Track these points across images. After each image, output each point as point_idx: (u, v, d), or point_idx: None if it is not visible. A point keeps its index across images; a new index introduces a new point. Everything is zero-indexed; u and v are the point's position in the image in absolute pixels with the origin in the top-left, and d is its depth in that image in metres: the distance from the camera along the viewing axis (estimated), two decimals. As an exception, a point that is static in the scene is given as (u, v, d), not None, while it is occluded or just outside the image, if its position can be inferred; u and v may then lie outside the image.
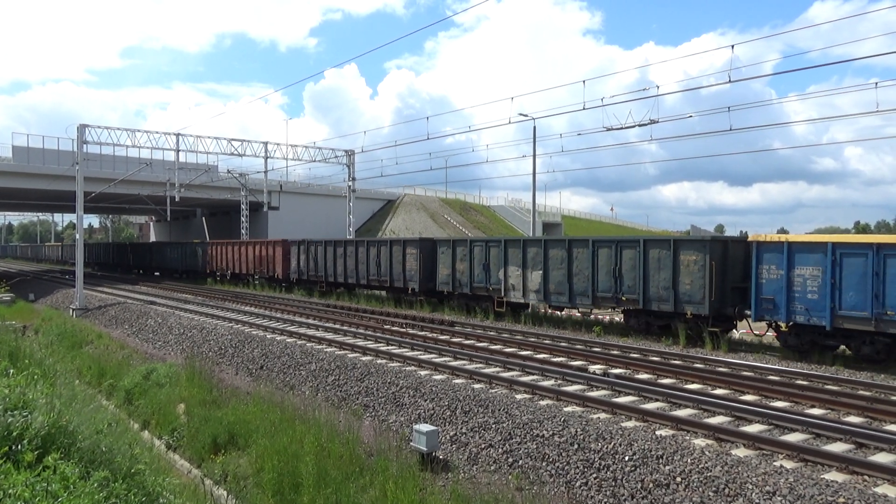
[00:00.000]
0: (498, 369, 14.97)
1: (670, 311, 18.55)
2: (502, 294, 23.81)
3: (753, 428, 10.18)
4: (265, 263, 39.95)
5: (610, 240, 20.72)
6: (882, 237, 15.55)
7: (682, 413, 11.06)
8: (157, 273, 56.59)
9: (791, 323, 16.26)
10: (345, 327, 22.03)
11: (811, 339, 16.20)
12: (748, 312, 17.04)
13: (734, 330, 19.21)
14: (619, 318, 22.23)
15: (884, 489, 7.75)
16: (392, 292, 30.24)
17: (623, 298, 19.65)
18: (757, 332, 18.07)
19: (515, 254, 23.27)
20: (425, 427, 10.66)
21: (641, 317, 19.67)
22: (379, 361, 16.11)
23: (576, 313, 22.88)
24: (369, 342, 18.98)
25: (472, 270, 25.14)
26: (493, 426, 11.19)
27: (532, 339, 18.87)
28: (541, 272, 22.20)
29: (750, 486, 7.98)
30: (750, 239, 17.21)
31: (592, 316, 22.77)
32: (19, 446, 5.21)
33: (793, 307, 16.05)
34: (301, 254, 36.55)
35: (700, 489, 8.27)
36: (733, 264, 18.02)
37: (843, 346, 15.99)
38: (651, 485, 8.69)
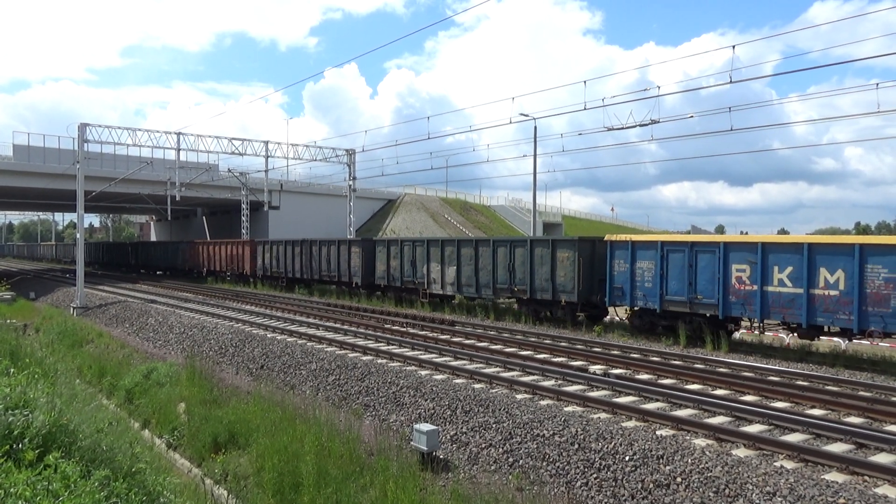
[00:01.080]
0: (498, 369, 14.97)
1: (549, 299, 22.10)
2: (426, 287, 27.31)
3: (754, 428, 10.18)
4: (236, 261, 43.50)
5: (506, 240, 24.60)
6: (693, 237, 19.80)
7: (683, 413, 11.06)
8: (142, 270, 60.15)
9: (635, 307, 19.66)
10: (345, 327, 22.04)
11: (650, 321, 19.50)
12: (606, 300, 20.45)
13: (607, 315, 22.52)
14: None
15: (884, 489, 7.75)
16: (340, 286, 34.14)
17: (516, 289, 23.34)
18: (619, 317, 21.11)
19: (436, 252, 26.88)
20: (426, 427, 10.66)
21: (530, 304, 23.12)
22: (379, 361, 16.11)
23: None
24: (370, 342, 18.98)
25: (402, 267, 28.88)
26: (494, 426, 11.19)
27: (532, 339, 18.88)
28: (455, 268, 25.85)
29: (750, 487, 7.98)
30: (605, 238, 20.69)
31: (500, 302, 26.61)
32: (20, 445, 5.22)
33: (635, 294, 19.51)
34: (266, 253, 40.11)
35: (700, 489, 8.28)
36: (600, 260, 20.76)
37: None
38: (651, 485, 8.70)
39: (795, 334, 16.89)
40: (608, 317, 22.68)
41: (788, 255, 16.42)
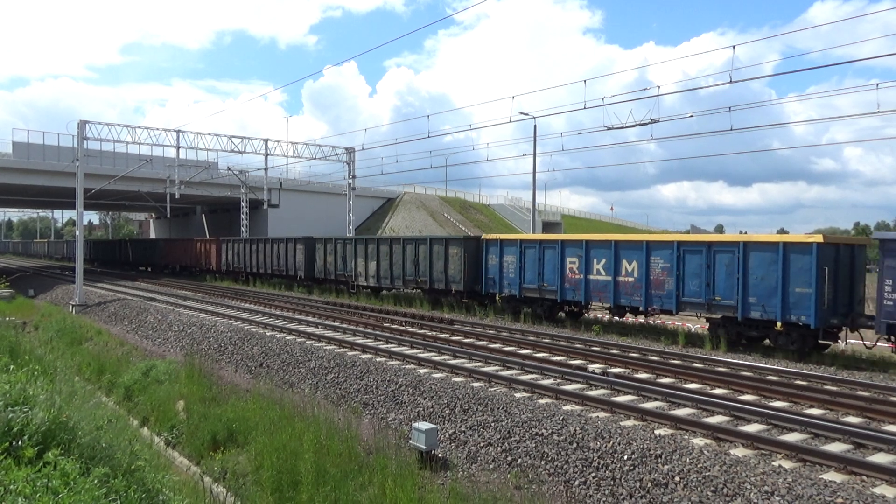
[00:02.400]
0: (497, 368, 14.98)
1: (444, 288, 26.39)
2: (354, 279, 31.48)
3: (752, 428, 10.19)
4: (204, 258, 47.18)
5: (412, 238, 28.78)
6: (541, 236, 24.48)
7: (681, 412, 11.08)
8: (126, 265, 64.01)
9: (503, 293, 23.82)
10: (344, 325, 22.04)
11: (513, 306, 23.53)
12: (482, 288, 24.71)
13: (496, 300, 25.07)
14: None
15: (882, 489, 7.77)
16: (287, 279, 37.95)
17: (419, 280, 27.56)
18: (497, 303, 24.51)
19: (361, 249, 30.93)
20: (424, 425, 10.67)
21: (430, 293, 27.50)
22: (378, 359, 16.12)
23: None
24: (368, 340, 18.99)
25: (336, 262, 33.03)
26: (493, 424, 11.20)
27: (531, 338, 18.88)
28: (375, 263, 29.96)
29: (748, 486, 8.00)
30: (482, 237, 25.19)
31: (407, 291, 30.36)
32: (20, 442, 5.21)
33: (503, 283, 23.78)
34: (229, 250, 44.03)
35: (699, 488, 8.29)
36: (482, 256, 24.84)
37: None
38: (650, 484, 8.71)
39: (609, 313, 20.52)
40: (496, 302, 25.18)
41: (603, 251, 20.35)
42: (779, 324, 16.32)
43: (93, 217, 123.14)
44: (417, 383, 13.58)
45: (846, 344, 16.89)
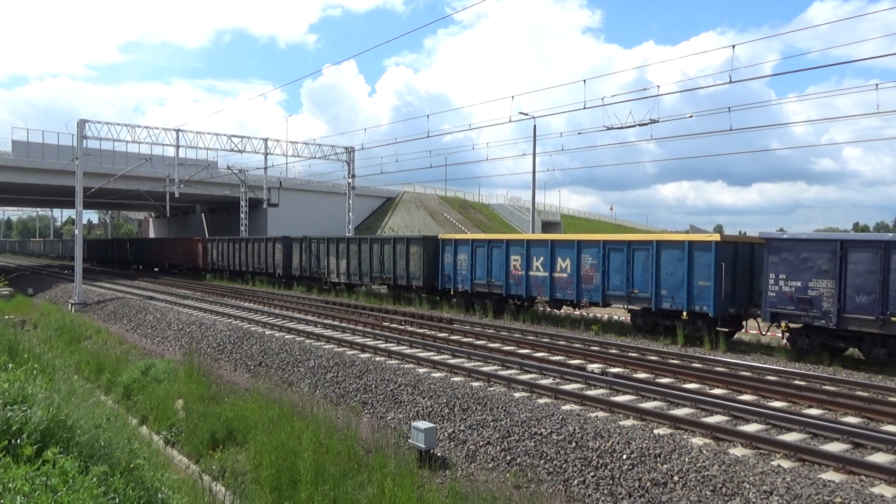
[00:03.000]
0: (496, 367, 14.98)
1: (406, 284, 28.39)
2: (326, 276, 33.64)
3: (751, 427, 10.20)
4: (190, 256, 48.98)
5: (377, 238, 31.17)
6: (490, 236, 27.60)
7: (680, 412, 11.08)
8: (118, 264, 65.83)
9: (457, 289, 25.87)
10: (343, 324, 22.04)
11: (466, 300, 25.61)
12: (439, 284, 26.98)
13: (443, 296, 27.66)
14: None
15: (880, 489, 7.77)
16: (266, 276, 39.90)
17: (384, 277, 29.68)
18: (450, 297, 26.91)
19: (332, 248, 33.33)
20: (423, 424, 10.68)
21: (394, 289, 29.63)
22: (377, 359, 16.12)
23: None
24: (368, 339, 18.98)
25: (310, 260, 35.21)
26: (492, 424, 11.20)
27: (530, 338, 18.89)
28: (345, 260, 32.16)
29: (747, 486, 8.00)
30: (439, 237, 27.27)
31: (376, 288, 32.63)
32: (19, 440, 5.21)
33: (457, 279, 25.85)
34: (214, 249, 45.82)
35: (697, 488, 8.30)
36: (439, 254, 26.97)
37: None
38: (649, 483, 8.71)
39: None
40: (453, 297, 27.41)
41: (542, 249, 22.43)
42: (685, 313, 18.28)
43: (92, 216, 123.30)
44: (416, 382, 13.58)
45: (752, 332, 18.83)
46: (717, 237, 18.03)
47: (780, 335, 17.57)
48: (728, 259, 17.83)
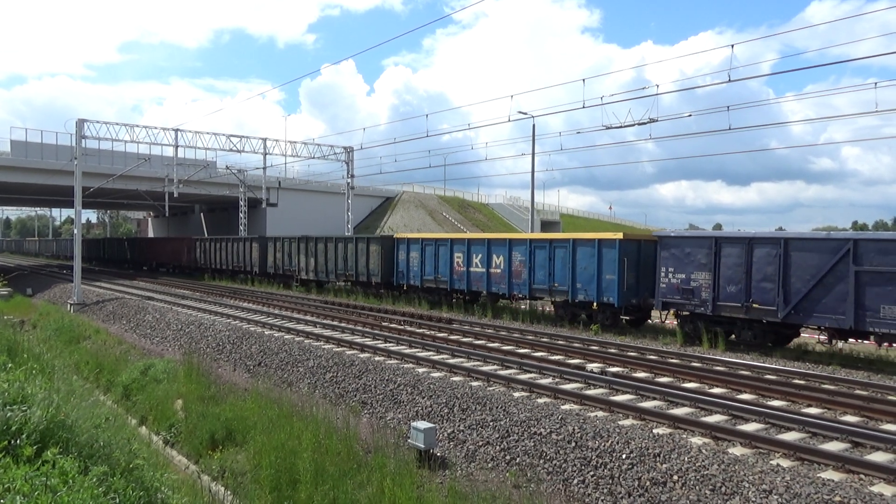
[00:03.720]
0: (496, 367, 14.98)
1: (366, 280, 30.77)
2: (297, 273, 35.95)
3: (750, 427, 10.20)
4: (176, 255, 51.22)
5: (341, 238, 33.43)
6: (437, 235, 29.78)
7: (680, 412, 11.09)
8: (109, 263, 68.13)
9: (409, 284, 28.23)
10: (343, 324, 22.03)
11: (416, 293, 27.90)
12: (394, 280, 29.13)
13: (398, 290, 29.64)
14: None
15: (880, 488, 7.78)
16: (245, 274, 41.74)
17: (347, 274, 31.94)
18: (403, 292, 29.10)
19: (302, 247, 35.53)
20: (423, 424, 10.68)
21: (357, 285, 32.00)
22: (377, 358, 16.12)
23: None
24: (367, 339, 18.98)
25: (283, 258, 37.45)
26: (491, 424, 11.21)
27: (530, 337, 18.89)
28: (314, 259, 34.33)
29: (746, 485, 8.01)
30: (394, 236, 29.50)
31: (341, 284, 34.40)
32: (18, 441, 5.21)
33: (410, 275, 28.11)
34: (197, 248, 48.19)
35: (697, 487, 8.30)
36: (397, 252, 29.14)
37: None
38: (648, 483, 8.72)
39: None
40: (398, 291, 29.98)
41: (480, 247, 24.66)
42: (595, 304, 20.33)
43: (91, 216, 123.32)
44: (416, 382, 13.58)
45: (654, 320, 21.25)
46: (620, 235, 20.06)
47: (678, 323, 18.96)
48: (631, 255, 19.69)
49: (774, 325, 16.88)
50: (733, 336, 17.75)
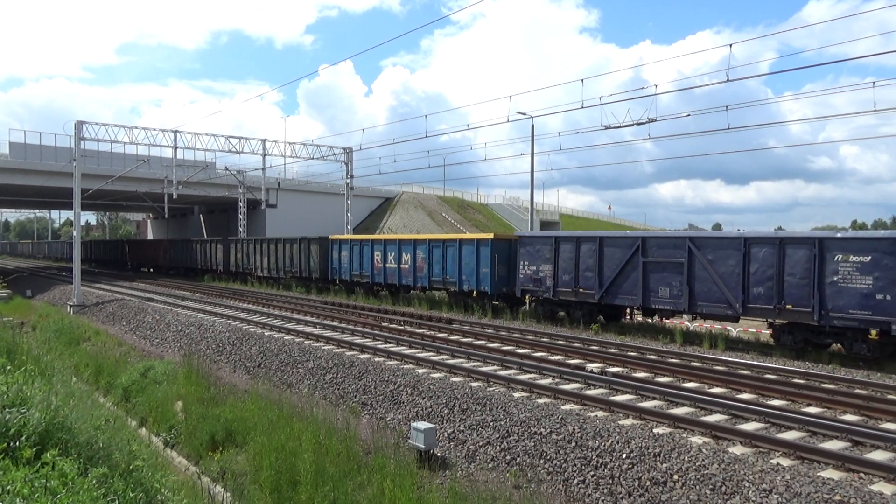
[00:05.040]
0: (495, 367, 14.98)
1: (308, 276, 34.90)
2: (254, 271, 40.15)
3: (750, 426, 10.21)
4: (155, 256, 56.18)
5: (288, 239, 37.13)
6: (361, 236, 33.91)
7: (680, 411, 11.09)
8: (94, 263, 72.42)
9: (342, 279, 32.51)
10: (342, 325, 22.03)
11: (347, 287, 32.30)
12: (330, 276, 33.37)
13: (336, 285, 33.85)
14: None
15: (880, 487, 7.78)
16: (211, 272, 45.44)
17: (293, 271, 35.95)
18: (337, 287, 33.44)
19: (257, 247, 39.81)
20: (423, 425, 10.67)
21: (302, 281, 35.73)
22: (377, 359, 16.11)
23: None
24: (367, 340, 18.97)
25: (244, 258, 41.42)
26: (491, 424, 11.20)
27: (530, 338, 18.88)
28: (267, 258, 38.55)
29: (747, 484, 8.01)
30: (329, 237, 33.65)
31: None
32: (17, 443, 5.20)
33: (341, 271, 32.37)
34: (171, 249, 53.10)
35: (697, 487, 8.30)
36: (331, 251, 33.31)
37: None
38: (648, 482, 8.72)
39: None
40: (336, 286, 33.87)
41: (393, 246, 28.70)
42: (475, 292, 24.52)
43: (90, 217, 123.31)
44: (416, 383, 13.58)
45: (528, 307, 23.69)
46: (491, 236, 24.34)
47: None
48: (502, 252, 23.80)
49: (595, 306, 20.73)
50: (563, 314, 21.97)
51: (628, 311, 20.94)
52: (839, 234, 15.95)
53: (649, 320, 20.86)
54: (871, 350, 14.95)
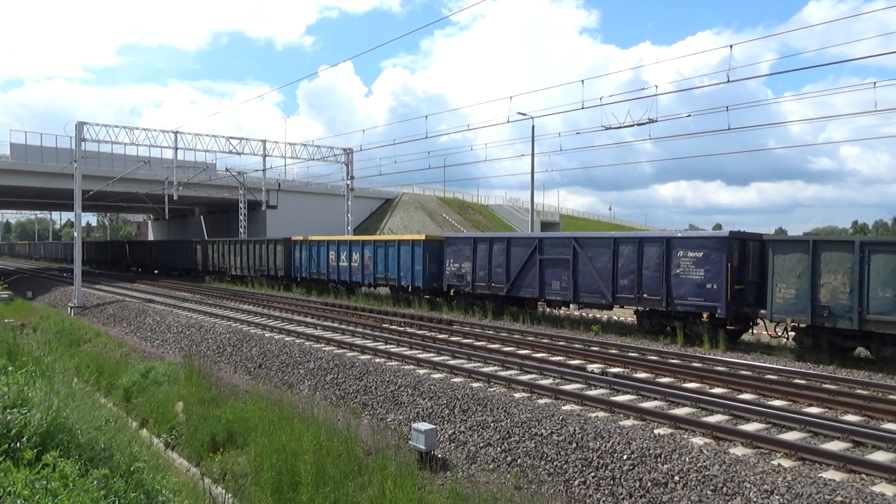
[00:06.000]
0: (496, 368, 14.97)
1: (274, 275, 37.95)
2: (228, 270, 43.26)
3: (751, 427, 10.20)
4: (143, 256, 60.41)
5: (255, 240, 40.81)
6: (318, 237, 35.46)
7: (681, 412, 11.08)
8: (92, 264, 73.20)
9: (301, 277, 35.67)
10: (343, 326, 22.03)
11: (307, 284, 35.23)
12: (292, 274, 36.49)
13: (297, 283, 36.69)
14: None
15: (881, 488, 7.77)
16: (194, 272, 48.25)
17: (262, 270, 39.19)
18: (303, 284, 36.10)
19: (231, 248, 43.17)
20: (424, 426, 10.67)
21: (268, 279, 38.90)
22: (377, 360, 16.11)
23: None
24: (368, 341, 18.97)
25: (220, 258, 44.61)
26: (492, 425, 11.20)
27: (530, 338, 18.88)
28: (240, 258, 41.75)
29: (748, 485, 8.00)
30: (291, 238, 36.63)
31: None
32: (18, 444, 5.20)
33: (302, 269, 35.52)
34: (156, 250, 57.32)
35: (698, 488, 8.29)
36: (293, 251, 36.62)
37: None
38: (649, 483, 8.71)
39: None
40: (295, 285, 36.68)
41: (345, 247, 32.04)
42: (410, 287, 27.89)
43: (91, 219, 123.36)
44: (417, 384, 13.57)
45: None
46: (423, 237, 27.33)
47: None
48: (434, 252, 26.76)
49: (504, 298, 23.73)
50: (474, 306, 24.84)
51: (529, 302, 24.01)
52: (680, 234, 18.96)
53: (548, 310, 24.60)
54: (705, 330, 17.49)
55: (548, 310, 24.74)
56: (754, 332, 18.85)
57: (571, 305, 22.79)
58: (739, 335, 18.41)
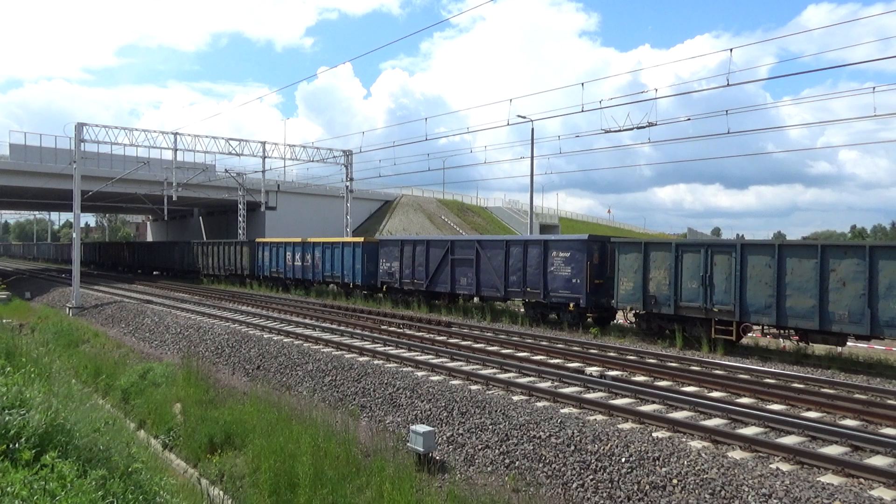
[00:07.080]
0: (495, 370, 14.97)
1: (241, 273, 41.09)
2: (203, 270, 45.60)
3: (749, 430, 10.20)
4: (129, 258, 62.81)
5: (229, 242, 43.53)
6: (281, 239, 38.79)
7: (679, 415, 11.08)
8: (91, 265, 74.79)
9: (263, 275, 38.88)
10: (342, 327, 22.01)
11: (270, 283, 38.24)
12: (255, 273, 39.68)
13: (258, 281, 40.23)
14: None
15: (879, 492, 7.78)
16: (180, 273, 50.92)
17: (234, 269, 41.79)
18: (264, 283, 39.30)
19: (204, 249, 46.04)
20: (422, 428, 10.66)
21: (237, 277, 42.10)
22: (376, 362, 16.10)
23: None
24: (366, 343, 18.96)
25: (194, 258, 47.45)
26: (490, 427, 11.19)
27: (529, 341, 18.88)
28: (210, 258, 44.60)
29: (746, 489, 8.00)
30: (255, 240, 40.19)
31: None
32: (17, 445, 5.20)
33: (264, 269, 38.80)
34: (145, 252, 60.52)
35: (696, 491, 8.29)
36: (257, 252, 39.82)
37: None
38: (647, 486, 8.71)
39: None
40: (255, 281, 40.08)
41: (300, 248, 35.48)
42: (352, 284, 31.59)
43: (90, 220, 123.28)
44: (415, 386, 13.57)
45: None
46: (362, 239, 31.19)
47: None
48: (371, 253, 30.24)
49: (424, 293, 27.16)
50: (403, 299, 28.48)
51: (443, 296, 26.88)
52: (553, 238, 22.48)
53: (459, 302, 27.32)
54: (572, 318, 21.06)
55: (458, 301, 27.22)
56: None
57: (475, 299, 26.28)
58: (605, 323, 21.52)
